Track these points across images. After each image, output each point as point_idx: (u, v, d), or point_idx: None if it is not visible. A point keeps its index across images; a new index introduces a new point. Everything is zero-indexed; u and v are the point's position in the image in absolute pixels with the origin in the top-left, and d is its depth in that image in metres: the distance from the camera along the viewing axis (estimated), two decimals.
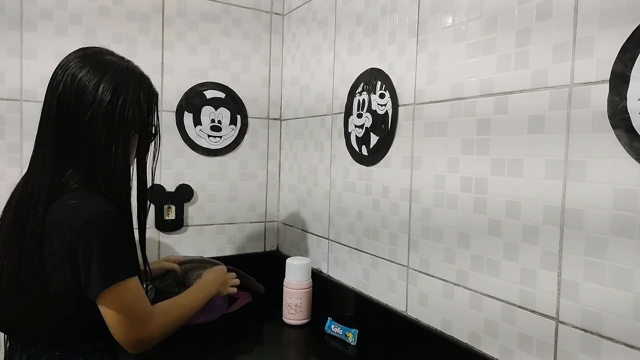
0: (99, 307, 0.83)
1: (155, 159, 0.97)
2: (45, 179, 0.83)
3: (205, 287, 1.12)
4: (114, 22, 1.35)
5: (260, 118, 1.61)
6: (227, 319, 1.32)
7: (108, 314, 0.83)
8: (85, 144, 0.84)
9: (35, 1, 1.25)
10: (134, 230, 0.92)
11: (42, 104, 0.85)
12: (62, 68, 0.86)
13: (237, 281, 1.27)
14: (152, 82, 0.94)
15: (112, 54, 0.92)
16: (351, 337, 1.19)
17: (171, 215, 1.46)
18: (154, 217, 1.43)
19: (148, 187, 0.97)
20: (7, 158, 1.24)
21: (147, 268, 0.97)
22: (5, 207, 0.91)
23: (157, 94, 0.96)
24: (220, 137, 1.53)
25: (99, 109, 0.83)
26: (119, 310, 0.83)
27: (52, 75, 0.87)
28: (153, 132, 0.95)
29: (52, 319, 0.84)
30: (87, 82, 0.84)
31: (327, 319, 1.26)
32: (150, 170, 0.96)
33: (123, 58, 0.92)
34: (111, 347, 0.90)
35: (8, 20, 1.22)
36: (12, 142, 1.24)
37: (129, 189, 0.91)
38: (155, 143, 0.97)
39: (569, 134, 0.73)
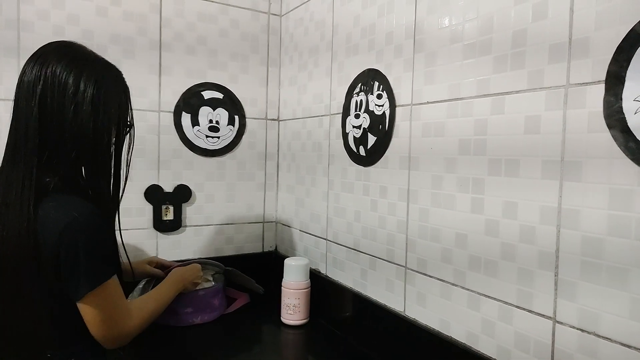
0: (80, 306, 0.83)
1: (131, 152, 0.98)
2: (31, 180, 0.81)
3: (175, 282, 1.16)
4: (111, 23, 1.35)
5: (258, 119, 1.61)
6: (225, 319, 1.32)
7: (90, 313, 0.84)
8: (72, 140, 0.84)
9: (32, 1, 1.25)
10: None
11: None
12: (38, 63, 0.84)
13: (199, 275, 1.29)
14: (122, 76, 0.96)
15: (84, 47, 0.92)
16: None
17: (169, 215, 1.46)
18: (152, 217, 1.43)
19: (123, 180, 0.98)
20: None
21: (128, 262, 1.03)
22: None
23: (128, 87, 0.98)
24: (218, 137, 1.53)
25: (83, 104, 0.84)
26: (101, 310, 0.84)
27: (24, 70, 0.85)
28: (129, 124, 0.97)
29: (40, 322, 0.84)
30: (67, 77, 0.84)
31: (325, 319, 1.26)
32: (124, 163, 0.97)
33: (94, 52, 0.93)
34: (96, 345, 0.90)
35: (5, 20, 1.22)
36: None
37: (115, 183, 0.95)
38: (130, 135, 0.98)
39: (565, 134, 0.73)
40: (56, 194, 0.83)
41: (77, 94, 0.83)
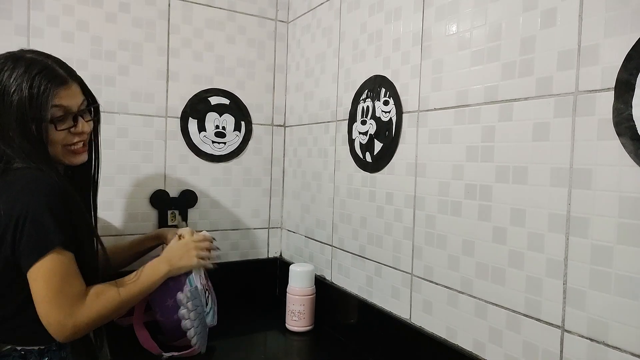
0: (30, 280, 0.83)
1: (98, 146, 1.05)
2: None
3: (155, 268, 1.01)
4: (120, 29, 1.36)
5: (264, 124, 1.62)
6: (228, 324, 1.31)
7: (38, 285, 0.83)
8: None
9: (42, 7, 1.26)
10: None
11: None
12: None
13: (206, 247, 1.11)
14: (51, 66, 0.92)
15: (30, 52, 0.93)
16: None
17: (175, 221, 1.46)
18: (157, 222, 1.44)
19: (94, 169, 1.05)
20: None
21: (100, 246, 0.97)
22: None
23: (54, 77, 0.91)
24: (225, 143, 1.54)
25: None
26: (50, 283, 0.82)
27: None
28: (57, 116, 0.91)
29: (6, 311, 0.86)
30: None
31: (330, 326, 1.25)
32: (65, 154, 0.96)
33: (24, 50, 0.93)
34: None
35: (15, 26, 1.24)
36: None
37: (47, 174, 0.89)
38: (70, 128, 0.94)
39: (574, 142, 0.73)
40: (21, 169, 0.87)
41: None
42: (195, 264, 1.07)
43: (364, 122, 1.21)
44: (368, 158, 1.19)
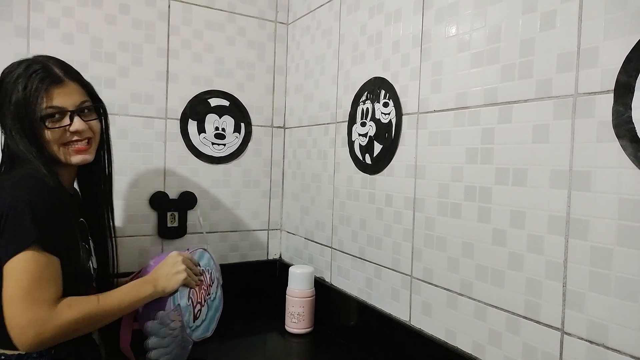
0: (3, 278, 0.79)
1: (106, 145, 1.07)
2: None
3: (138, 285, 0.98)
4: (120, 30, 1.36)
5: (264, 126, 1.62)
6: (228, 326, 1.31)
7: (7, 286, 0.78)
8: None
9: (42, 9, 1.26)
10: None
11: None
12: None
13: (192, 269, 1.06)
14: (47, 66, 0.93)
15: (40, 59, 0.95)
16: None
17: (174, 222, 1.46)
18: (157, 224, 1.43)
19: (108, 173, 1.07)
20: None
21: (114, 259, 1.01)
22: None
23: (47, 77, 0.92)
24: (224, 144, 1.54)
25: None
26: (17, 284, 0.78)
27: None
28: (48, 115, 0.91)
29: None
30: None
31: (329, 328, 1.25)
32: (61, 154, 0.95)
33: (36, 55, 0.96)
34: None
35: (15, 27, 1.24)
36: None
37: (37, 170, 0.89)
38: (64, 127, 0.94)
39: (574, 144, 0.73)
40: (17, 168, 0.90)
41: None
42: (181, 283, 1.02)
43: (363, 124, 1.21)
44: (368, 160, 1.19)
